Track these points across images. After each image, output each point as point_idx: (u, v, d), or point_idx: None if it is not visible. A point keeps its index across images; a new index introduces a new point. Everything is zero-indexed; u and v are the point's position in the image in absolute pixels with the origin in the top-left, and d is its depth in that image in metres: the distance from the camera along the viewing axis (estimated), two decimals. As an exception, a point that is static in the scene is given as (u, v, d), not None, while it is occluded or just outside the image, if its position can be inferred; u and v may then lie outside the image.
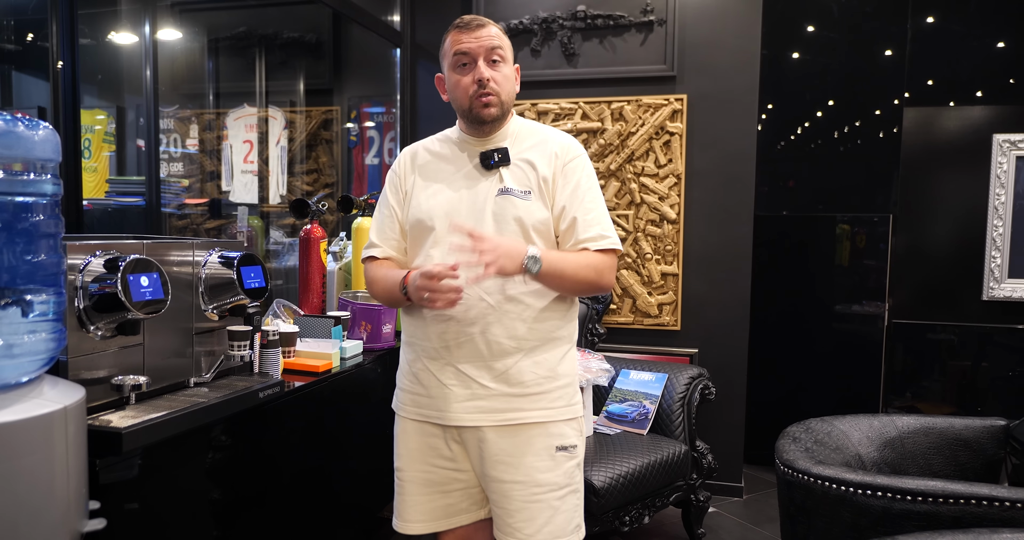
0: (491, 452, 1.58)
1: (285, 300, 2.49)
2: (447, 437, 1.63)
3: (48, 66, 1.98)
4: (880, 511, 1.52)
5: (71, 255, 1.37)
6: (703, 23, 3.25)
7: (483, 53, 1.58)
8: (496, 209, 1.57)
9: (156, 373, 1.56)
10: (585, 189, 1.61)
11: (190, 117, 3.64)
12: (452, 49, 1.60)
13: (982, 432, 2.06)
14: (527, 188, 1.59)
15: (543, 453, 1.57)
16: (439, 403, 1.60)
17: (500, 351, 1.56)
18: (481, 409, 1.57)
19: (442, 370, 1.60)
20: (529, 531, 1.56)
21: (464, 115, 1.64)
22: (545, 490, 1.57)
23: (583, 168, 1.63)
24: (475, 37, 1.58)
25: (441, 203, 1.61)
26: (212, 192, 3.63)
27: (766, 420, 3.26)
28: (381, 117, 3.77)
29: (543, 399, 1.58)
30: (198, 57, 3.69)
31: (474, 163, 1.63)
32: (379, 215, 1.72)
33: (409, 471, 1.69)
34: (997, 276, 3.50)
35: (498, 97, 1.59)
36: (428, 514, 1.68)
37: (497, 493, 1.59)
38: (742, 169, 3.25)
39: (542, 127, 1.70)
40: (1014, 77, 3.50)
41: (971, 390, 3.59)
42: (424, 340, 1.62)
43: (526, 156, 1.62)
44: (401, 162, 1.73)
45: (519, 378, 1.57)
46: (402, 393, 1.72)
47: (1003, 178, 3.47)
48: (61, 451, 1.10)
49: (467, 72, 1.59)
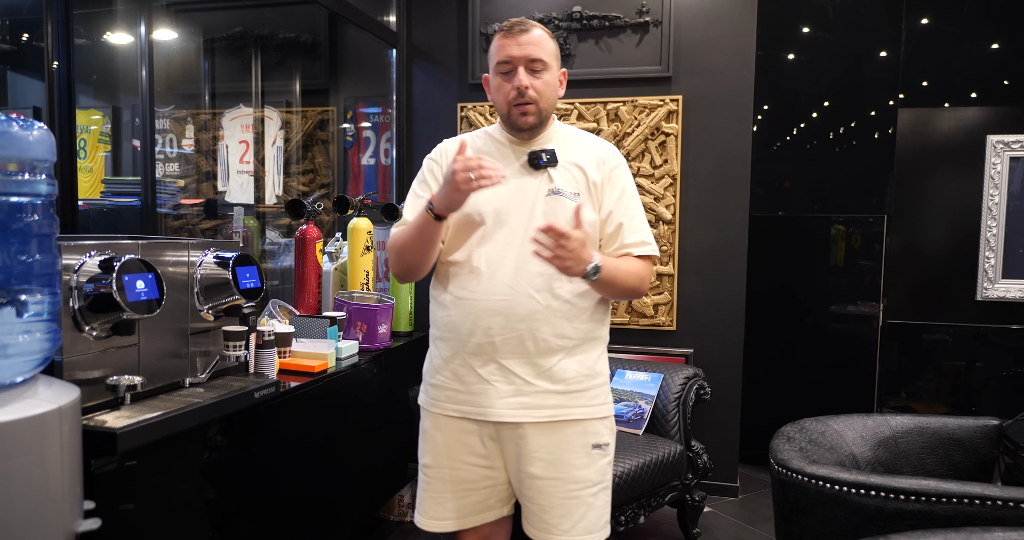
0: (530, 449, 1.58)
1: (281, 300, 2.49)
2: (483, 434, 1.62)
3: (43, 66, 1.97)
4: (873, 510, 1.53)
5: (66, 255, 1.37)
6: (698, 24, 3.26)
7: (523, 61, 1.59)
8: (547, 209, 1.59)
9: (151, 373, 1.57)
10: (629, 196, 1.67)
11: (186, 117, 3.64)
12: (497, 54, 1.62)
13: (975, 432, 2.07)
14: (576, 190, 1.62)
15: (580, 450, 1.60)
16: (480, 399, 1.60)
17: (546, 348, 1.57)
18: (524, 405, 1.57)
19: (485, 366, 1.59)
20: (565, 527, 1.58)
21: (504, 119, 1.67)
22: (581, 487, 1.59)
23: (626, 175, 1.69)
24: (518, 43, 1.59)
25: (489, 199, 1.60)
26: (208, 192, 3.62)
27: (761, 420, 3.26)
28: (377, 117, 3.77)
29: (583, 397, 1.61)
30: (194, 57, 3.69)
31: (521, 162, 1.65)
32: (416, 200, 1.68)
33: (438, 468, 1.67)
34: (991, 276, 3.51)
35: (536, 105, 1.60)
36: (454, 512, 1.67)
37: (533, 489, 1.60)
38: (737, 170, 3.26)
39: (583, 132, 1.75)
40: (1008, 78, 3.51)
41: (965, 390, 3.60)
42: (467, 336, 1.60)
43: (573, 159, 1.65)
44: (443, 152, 1.72)
45: (562, 375, 1.58)
46: (434, 389, 1.69)
47: (997, 179, 3.49)
48: (55, 451, 1.10)
49: (509, 79, 1.61)
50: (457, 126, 3.54)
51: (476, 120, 3.49)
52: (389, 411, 2.70)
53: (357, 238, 2.69)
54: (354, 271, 2.70)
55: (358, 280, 2.70)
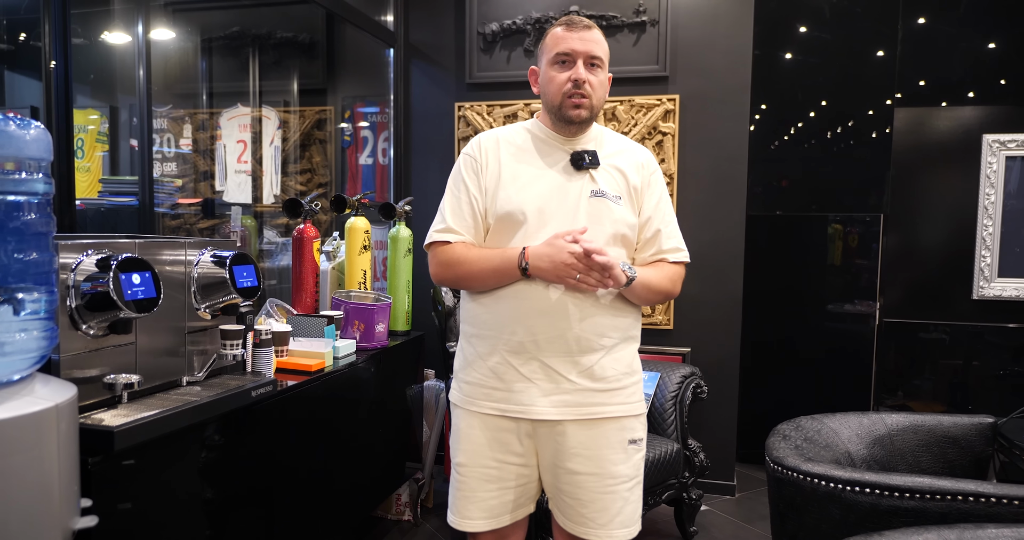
0: (569, 445, 1.59)
1: (278, 300, 2.50)
2: (520, 431, 1.62)
3: (41, 66, 1.97)
4: (868, 507, 1.54)
5: (63, 254, 1.37)
6: (695, 23, 3.27)
7: (584, 56, 1.60)
8: (590, 210, 1.60)
9: (148, 372, 1.57)
10: (665, 202, 1.70)
11: (183, 117, 3.64)
12: (555, 45, 1.62)
13: (970, 429, 2.07)
14: (618, 193, 1.63)
15: (617, 446, 1.61)
16: (520, 397, 1.59)
17: (588, 347, 1.58)
18: (565, 403, 1.58)
19: (526, 364, 1.59)
20: (602, 521, 1.60)
21: (553, 112, 1.64)
22: (618, 482, 1.61)
23: (662, 181, 1.72)
24: (580, 38, 1.60)
25: (532, 198, 1.60)
26: (205, 192, 3.63)
27: (758, 418, 3.27)
28: (375, 117, 3.78)
29: (621, 394, 1.62)
30: (191, 57, 3.69)
31: (563, 161, 1.64)
32: (454, 199, 1.66)
33: (473, 466, 1.65)
34: (987, 275, 3.52)
35: (590, 100, 1.61)
36: (489, 511, 1.65)
37: (571, 484, 1.61)
38: (735, 169, 3.26)
39: (621, 136, 1.76)
40: (1004, 78, 3.52)
41: (962, 388, 3.61)
42: (508, 334, 1.59)
43: (614, 162, 1.66)
44: (481, 148, 1.68)
45: (602, 374, 1.60)
46: (470, 386, 1.66)
47: (993, 178, 3.50)
48: (52, 449, 1.10)
49: (565, 70, 1.61)
50: (455, 126, 3.55)
51: (473, 120, 3.50)
52: (387, 410, 2.71)
53: (355, 237, 2.70)
54: (351, 270, 2.71)
55: (355, 279, 2.70)
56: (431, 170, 3.63)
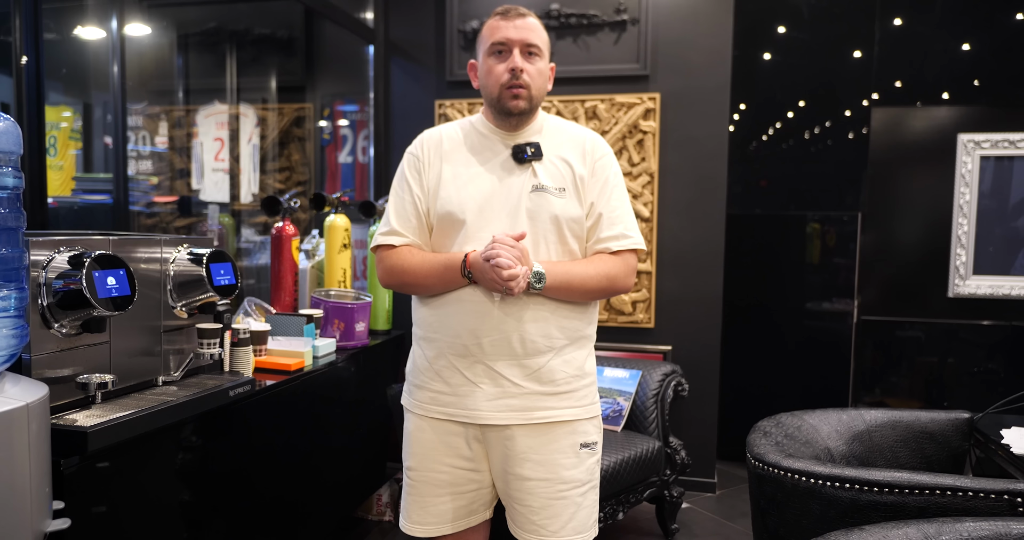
0: (517, 450, 1.55)
1: (257, 299, 2.47)
2: (468, 435, 1.58)
3: (11, 61, 1.93)
4: (848, 503, 1.54)
5: (34, 251, 1.34)
6: (676, 23, 3.28)
7: (520, 44, 1.56)
8: (531, 206, 1.55)
9: (123, 371, 1.54)
10: (612, 186, 1.62)
11: (159, 114, 3.59)
12: (491, 35, 1.59)
13: (947, 425, 2.10)
14: (562, 185, 1.58)
15: (568, 450, 1.57)
16: (466, 401, 1.55)
17: (534, 349, 1.54)
18: (511, 408, 1.54)
19: (471, 367, 1.55)
20: (554, 528, 1.56)
21: (492, 104, 1.61)
22: (570, 487, 1.57)
23: (611, 165, 1.64)
24: (515, 26, 1.56)
25: (473, 196, 1.57)
26: (182, 190, 3.58)
27: (739, 416, 3.29)
28: (354, 115, 3.75)
29: (571, 397, 1.58)
30: (167, 53, 3.64)
31: (504, 156, 1.60)
32: (399, 200, 1.63)
33: (423, 471, 1.62)
34: (962, 273, 3.57)
35: (528, 90, 1.56)
36: (439, 516, 1.62)
37: (521, 490, 1.57)
38: (715, 168, 3.28)
39: (570, 124, 1.70)
40: (978, 78, 3.57)
41: (938, 385, 3.66)
42: (453, 337, 1.55)
43: (559, 153, 1.61)
44: (423, 147, 1.65)
45: (551, 376, 1.55)
46: (418, 390, 1.63)
47: (968, 177, 3.55)
48: (23, 450, 1.07)
49: (502, 60, 1.57)
50: (435, 123, 3.53)
51: (454, 118, 3.48)
52: (367, 409, 2.69)
53: (334, 236, 2.67)
54: (331, 269, 2.68)
55: (335, 278, 2.68)
56: (411, 168, 3.60)
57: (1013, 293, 3.52)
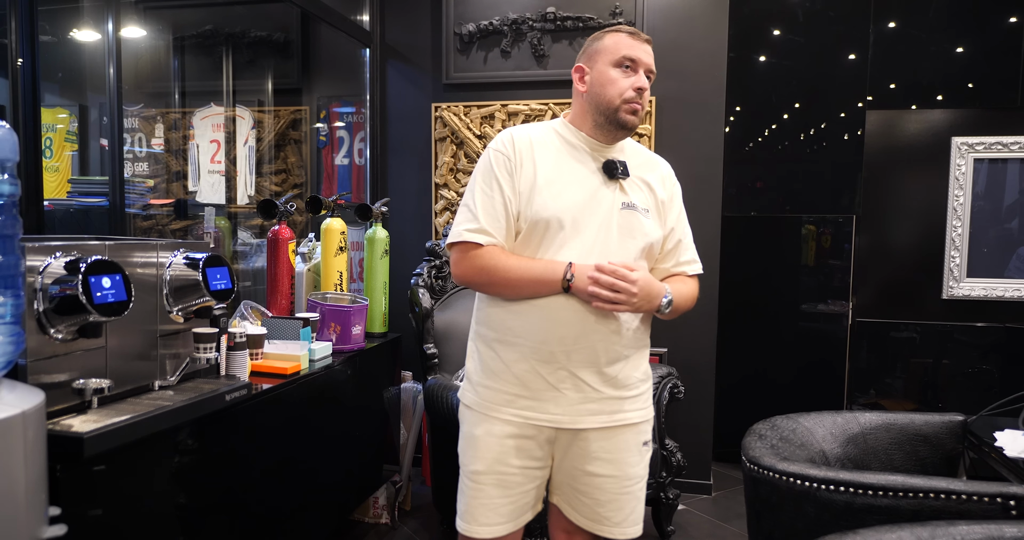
0: (591, 450, 1.61)
1: (253, 302, 2.47)
2: (541, 438, 1.61)
3: (7, 63, 1.93)
4: (843, 506, 1.55)
5: (30, 257, 1.34)
6: (671, 26, 3.28)
7: (646, 68, 1.63)
8: (622, 222, 1.60)
9: (119, 376, 1.54)
10: (684, 214, 1.74)
11: (155, 116, 3.59)
12: (620, 49, 1.61)
13: (941, 428, 2.11)
14: (647, 206, 1.64)
15: (634, 449, 1.66)
16: (547, 405, 1.58)
17: (613, 357, 1.59)
18: (591, 412, 1.60)
19: (554, 373, 1.57)
20: (618, 519, 1.65)
21: (606, 114, 1.60)
22: (634, 482, 1.67)
23: (680, 193, 1.75)
24: (645, 50, 1.63)
25: (568, 205, 1.56)
26: (178, 192, 3.58)
27: (734, 418, 3.30)
28: (351, 117, 3.75)
29: (639, 400, 1.66)
30: (163, 55, 3.64)
31: (593, 168, 1.62)
32: (487, 198, 1.58)
33: (492, 473, 1.62)
34: (956, 275, 3.59)
35: (643, 111, 1.63)
36: (505, 516, 1.63)
37: (590, 486, 1.64)
38: (710, 170, 3.29)
39: (643, 147, 1.77)
40: (972, 81, 3.59)
41: (932, 387, 3.67)
42: (538, 342, 1.56)
43: (641, 174, 1.66)
44: (514, 146, 1.61)
45: (625, 382, 1.62)
46: (491, 392, 1.62)
47: (961, 180, 3.56)
48: (19, 456, 1.07)
49: (628, 76, 1.61)
50: (431, 126, 3.53)
51: (451, 121, 3.48)
52: (363, 413, 2.69)
53: (330, 239, 2.68)
54: (327, 272, 2.68)
55: (331, 281, 2.68)
56: (408, 171, 3.61)
57: (1007, 295, 3.53)
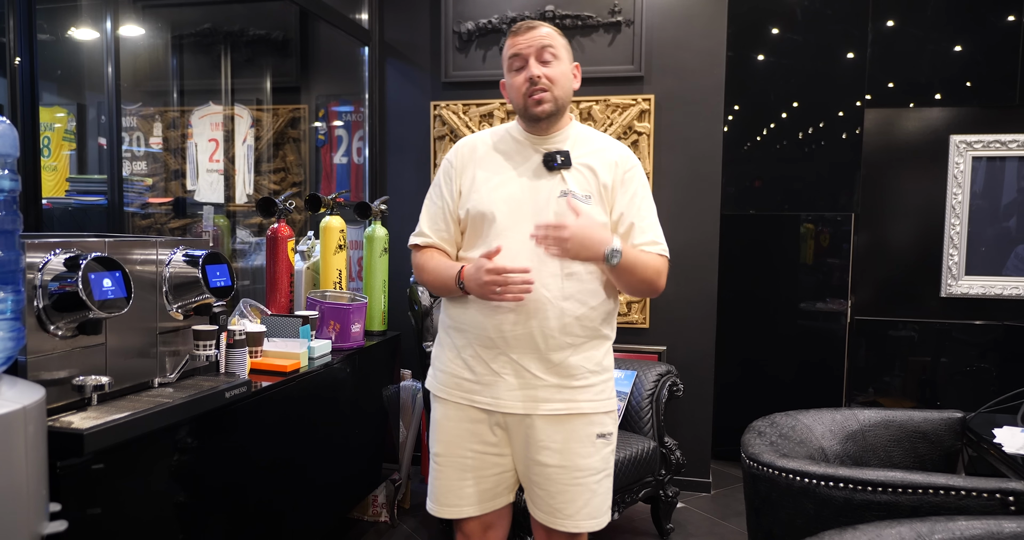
0: (537, 438, 1.64)
1: (252, 300, 2.47)
2: (492, 422, 1.67)
3: (5, 62, 1.93)
4: (842, 502, 1.56)
5: (30, 253, 1.34)
6: (670, 24, 3.29)
7: (534, 53, 1.64)
8: (559, 210, 1.62)
9: (119, 373, 1.54)
10: (641, 198, 1.71)
11: (154, 115, 3.58)
12: (507, 53, 1.68)
13: (940, 424, 2.11)
14: (588, 192, 1.66)
15: (585, 440, 1.66)
16: (490, 390, 1.65)
17: (555, 345, 1.62)
18: (533, 398, 1.63)
19: (495, 359, 1.64)
20: (569, 512, 1.65)
21: (521, 114, 1.70)
22: (586, 474, 1.66)
23: (640, 178, 1.72)
24: (525, 38, 1.65)
25: (504, 198, 1.65)
26: (177, 191, 3.57)
27: (733, 416, 3.30)
28: (350, 116, 3.75)
29: (589, 391, 1.66)
30: (161, 54, 3.64)
31: (535, 161, 1.68)
32: (431, 205, 1.76)
33: (448, 455, 1.71)
34: (955, 273, 3.59)
35: (551, 93, 1.64)
36: (465, 498, 1.71)
37: (541, 476, 1.66)
38: (709, 169, 3.29)
39: (599, 134, 1.78)
40: (970, 80, 3.59)
41: (931, 384, 3.68)
42: (479, 329, 1.65)
43: (586, 161, 1.68)
44: (459, 154, 1.75)
45: (570, 371, 1.64)
46: (445, 376, 1.73)
47: (960, 178, 3.57)
48: (20, 453, 1.07)
49: (521, 72, 1.66)
50: (430, 125, 3.53)
51: (449, 119, 3.48)
52: (363, 411, 2.69)
53: (329, 237, 2.68)
54: (326, 270, 2.68)
55: (331, 279, 2.68)
56: (407, 169, 3.61)
57: (1005, 293, 3.54)
